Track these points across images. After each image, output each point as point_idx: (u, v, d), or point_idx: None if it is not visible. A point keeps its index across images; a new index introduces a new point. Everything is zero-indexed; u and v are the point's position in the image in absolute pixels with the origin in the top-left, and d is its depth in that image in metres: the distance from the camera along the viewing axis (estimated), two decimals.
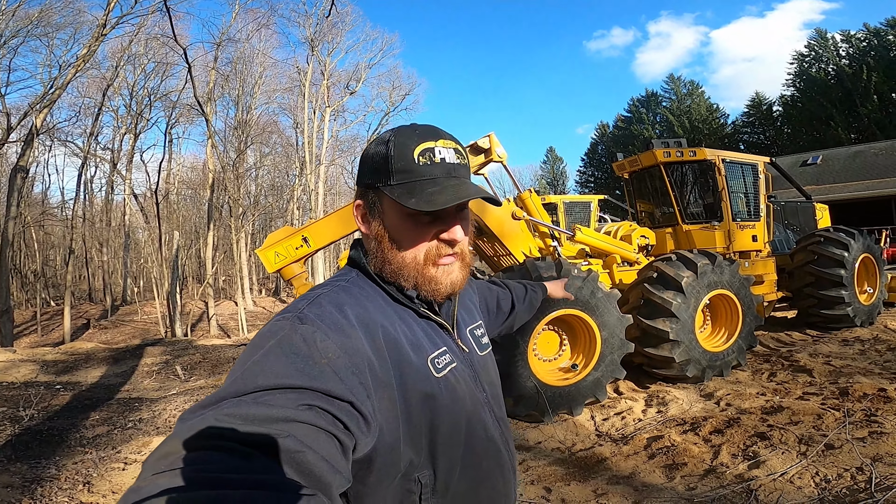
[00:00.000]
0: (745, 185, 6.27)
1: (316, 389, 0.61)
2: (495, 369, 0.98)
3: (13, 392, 5.52)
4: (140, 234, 28.83)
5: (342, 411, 0.61)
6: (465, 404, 0.83)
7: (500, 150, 4.82)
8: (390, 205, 0.80)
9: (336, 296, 0.78)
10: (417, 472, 0.76)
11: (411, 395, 0.75)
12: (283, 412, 0.56)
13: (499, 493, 0.88)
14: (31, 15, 15.00)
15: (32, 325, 20.34)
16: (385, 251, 0.81)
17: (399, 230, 0.80)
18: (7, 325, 10.79)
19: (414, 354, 0.78)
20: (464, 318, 0.96)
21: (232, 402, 0.57)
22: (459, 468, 0.80)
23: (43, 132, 14.40)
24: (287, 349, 0.65)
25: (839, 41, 32.73)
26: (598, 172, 46.02)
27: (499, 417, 0.91)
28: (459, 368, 0.85)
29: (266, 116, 26.76)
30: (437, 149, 0.80)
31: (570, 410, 4.13)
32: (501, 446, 0.89)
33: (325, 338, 0.68)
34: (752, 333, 5.06)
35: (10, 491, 2.98)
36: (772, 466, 2.72)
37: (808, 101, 32.81)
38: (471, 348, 0.92)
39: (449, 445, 0.79)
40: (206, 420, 0.54)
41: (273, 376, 0.61)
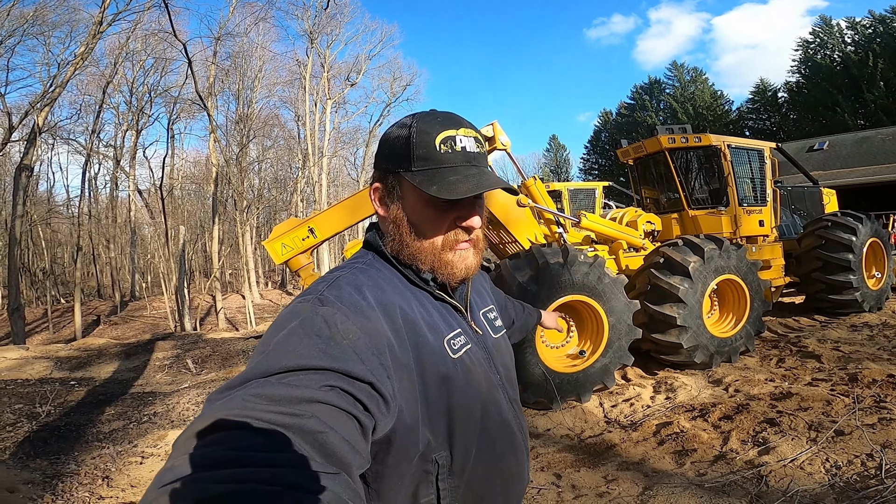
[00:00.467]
0: (751, 170, 6.22)
1: (338, 370, 0.62)
2: (509, 352, 1.00)
3: (28, 389, 5.62)
4: (146, 229, 29.01)
5: (363, 392, 0.63)
6: (481, 386, 0.84)
7: (504, 138, 4.79)
8: (410, 190, 0.81)
9: (354, 278, 0.79)
10: (435, 454, 0.77)
11: (429, 376, 0.76)
12: (306, 393, 0.58)
13: (512, 473, 0.89)
14: (25, 14, 14.94)
15: (44, 322, 20.60)
16: (403, 235, 0.83)
17: (418, 215, 0.82)
18: (19, 323, 10.93)
19: (431, 335, 0.79)
20: (476, 301, 0.97)
21: (258, 383, 0.59)
22: (475, 449, 0.82)
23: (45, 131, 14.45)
24: (309, 330, 0.66)
25: (844, 28, 32.55)
26: (602, 159, 45.70)
27: (512, 399, 0.93)
28: (474, 350, 0.86)
29: (267, 110, 26.71)
30: (458, 137, 0.81)
31: (579, 397, 4.15)
32: (515, 428, 0.90)
33: (345, 319, 0.69)
34: (759, 319, 5.05)
35: (32, 487, 3.04)
36: (782, 452, 2.73)
37: (813, 88, 32.62)
38: (484, 331, 0.93)
39: (465, 427, 0.80)
40: (234, 401, 0.56)
41: (296, 357, 0.62)
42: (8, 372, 6.38)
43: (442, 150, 0.79)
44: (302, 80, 23.87)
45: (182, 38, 9.89)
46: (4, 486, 2.93)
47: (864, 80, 29.31)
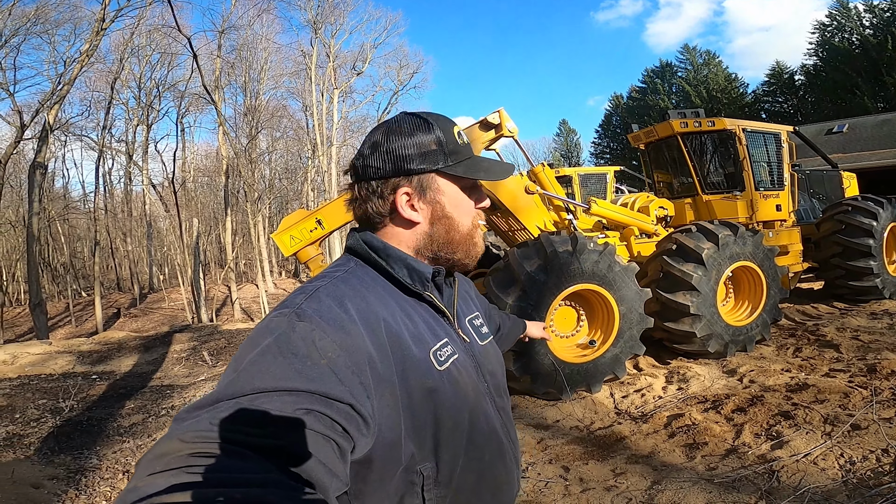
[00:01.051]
0: (767, 154, 6.05)
1: (314, 392, 0.60)
2: (498, 359, 0.99)
3: (52, 384, 5.79)
4: (161, 222, 29.46)
5: (341, 414, 0.61)
6: (468, 396, 0.83)
7: (511, 125, 4.71)
8: (450, 183, 0.86)
9: (335, 288, 0.76)
10: (420, 465, 0.76)
11: (414, 390, 0.74)
12: (279, 416, 0.56)
13: (501, 482, 0.88)
14: (27, 13, 15.06)
15: (66, 316, 21.17)
16: (450, 230, 0.86)
17: (458, 206, 0.87)
18: (41, 318, 11.24)
19: (416, 348, 0.77)
20: (462, 308, 0.96)
21: (228, 405, 0.56)
22: (462, 459, 0.80)
23: (56, 128, 14.66)
24: (285, 349, 0.63)
25: (862, 11, 31.75)
26: (614, 144, 44.92)
27: (500, 407, 0.91)
28: (461, 359, 0.85)
29: (275, 101, 26.70)
30: (461, 131, 0.89)
31: (589, 388, 4.13)
32: (503, 436, 0.89)
33: (323, 335, 0.66)
34: (776, 306, 4.95)
35: (56, 483, 3.13)
36: (795, 447, 2.68)
37: (831, 71, 31.89)
38: (471, 338, 0.92)
39: (452, 438, 0.79)
40: (201, 422, 0.54)
41: (270, 378, 0.60)
42: (32, 367, 6.57)
43: (461, 143, 0.86)
44: (308, 71, 23.80)
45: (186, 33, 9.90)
46: (30, 482, 3.02)
47: (884, 64, 28.62)
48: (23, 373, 6.29)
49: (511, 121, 4.72)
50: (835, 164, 7.76)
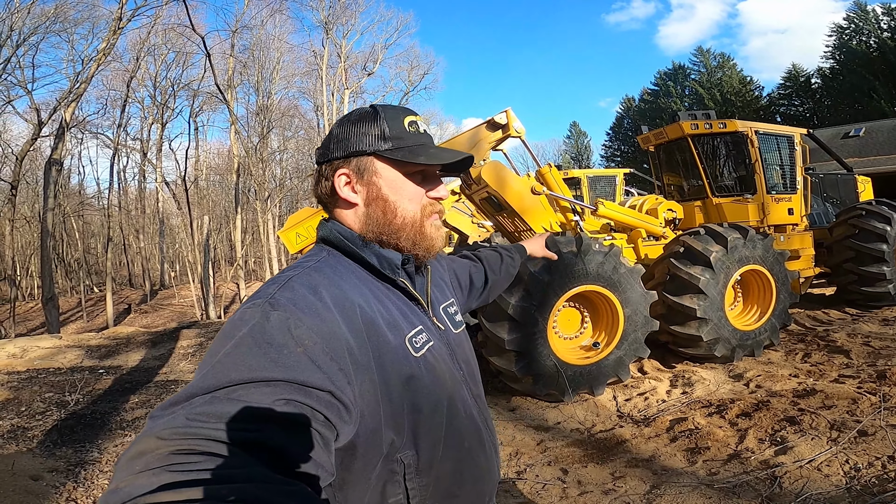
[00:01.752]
0: (780, 157, 5.97)
1: (292, 381, 0.59)
2: (470, 347, 0.99)
3: (60, 378, 5.86)
4: (174, 220, 29.85)
5: (321, 402, 0.60)
6: (445, 383, 0.83)
7: (518, 126, 4.69)
8: (389, 167, 0.84)
9: (308, 277, 0.75)
10: (400, 453, 0.75)
11: (391, 377, 0.74)
12: (257, 409, 0.54)
13: (482, 469, 0.88)
14: (46, 11, 15.33)
15: (78, 311, 21.53)
16: (386, 213, 0.84)
17: (399, 190, 0.84)
18: (53, 313, 11.43)
19: (391, 334, 0.77)
20: (437, 296, 0.96)
21: (204, 399, 0.55)
22: (442, 447, 0.80)
23: (73, 126, 14.90)
24: (259, 338, 0.62)
25: (880, 14, 31.39)
26: (625, 146, 44.64)
27: (475, 395, 0.91)
28: (437, 347, 0.85)
29: (286, 101, 26.98)
30: (418, 122, 0.88)
31: (592, 390, 4.08)
32: (480, 423, 0.89)
33: (299, 323, 0.65)
34: (786, 311, 4.86)
35: (55, 475, 3.15)
36: (799, 453, 2.62)
37: (849, 74, 31.50)
38: (446, 326, 0.92)
39: (431, 425, 0.79)
40: (177, 419, 0.53)
41: (246, 369, 0.58)
42: (41, 361, 6.67)
43: (411, 130, 0.85)
44: (319, 71, 24.02)
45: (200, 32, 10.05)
46: (29, 474, 3.05)
47: None
48: (31, 366, 6.39)
49: (518, 121, 4.69)
50: (850, 167, 7.62)
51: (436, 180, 0.89)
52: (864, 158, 17.51)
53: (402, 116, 0.85)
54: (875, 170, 14.80)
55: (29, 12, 14.33)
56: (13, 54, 14.53)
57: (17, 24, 14.12)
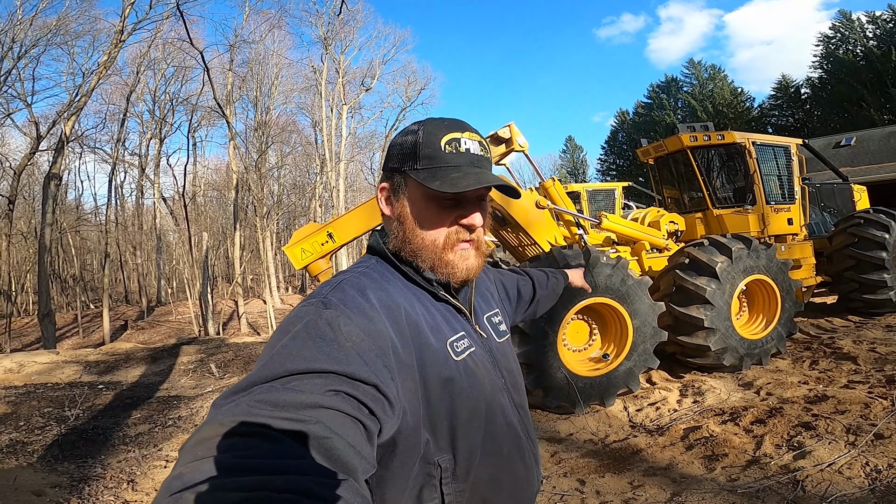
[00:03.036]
0: (777, 167, 6.06)
1: (342, 373, 0.62)
2: (514, 357, 1.00)
3: (58, 393, 5.77)
4: (171, 236, 29.74)
5: (367, 395, 0.62)
6: (485, 389, 0.84)
7: (521, 140, 4.76)
8: (415, 187, 0.83)
9: (358, 280, 0.80)
10: (437, 456, 0.77)
11: (431, 378, 0.76)
12: (311, 398, 0.57)
13: (521, 479, 0.88)
14: (48, 24, 15.30)
15: (74, 327, 21.24)
16: (406, 231, 0.84)
17: (422, 212, 0.83)
18: (49, 328, 11.29)
19: (433, 337, 0.79)
20: (481, 305, 0.98)
21: (263, 388, 0.59)
22: (480, 453, 0.81)
23: (72, 140, 14.84)
24: (313, 333, 0.66)
25: (865, 23, 32.06)
26: (620, 160, 45.13)
27: (518, 404, 0.92)
28: (478, 353, 0.86)
29: (285, 116, 27.18)
30: (462, 139, 0.83)
31: (603, 401, 4.06)
32: (521, 433, 0.89)
33: (348, 321, 0.69)
34: (791, 320, 4.89)
35: (59, 490, 3.09)
36: (819, 457, 2.62)
37: (837, 83, 32.08)
38: (489, 334, 0.93)
39: (468, 430, 0.80)
40: (240, 406, 0.56)
41: (301, 361, 0.62)
42: (38, 376, 6.57)
43: (447, 150, 0.82)
44: (318, 86, 24.24)
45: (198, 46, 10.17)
46: (31, 489, 2.99)
47: (889, 75, 28.76)
48: (29, 381, 6.29)
49: (521, 135, 4.76)
50: (845, 176, 7.74)
51: (472, 205, 0.84)
52: (857, 168, 17.77)
53: (442, 134, 0.82)
54: (868, 178, 15.03)
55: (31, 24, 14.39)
56: (14, 66, 14.52)
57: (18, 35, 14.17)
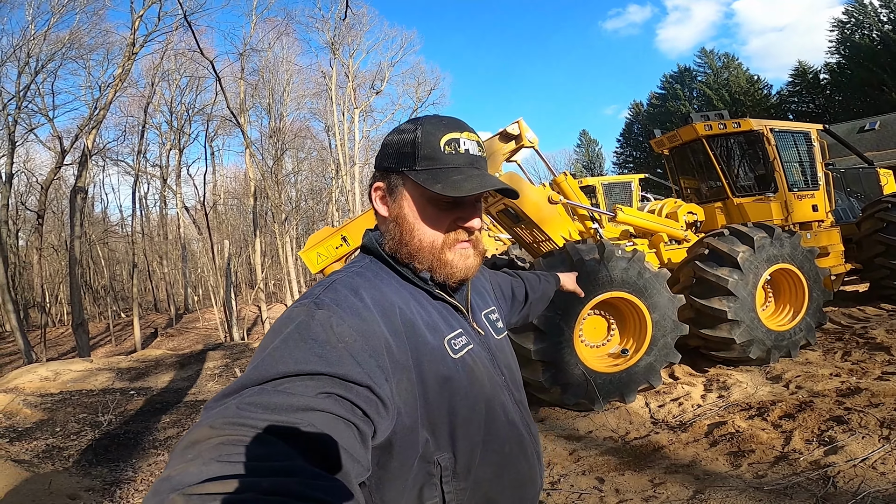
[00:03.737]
0: (798, 153, 5.88)
1: (334, 375, 0.61)
2: (512, 354, 0.99)
3: (92, 399, 5.98)
4: (195, 245, 30.48)
5: (360, 397, 0.62)
6: (484, 386, 0.83)
7: (531, 135, 4.71)
8: (413, 188, 0.82)
9: (351, 280, 0.79)
10: (436, 455, 0.76)
11: (428, 376, 0.75)
12: (302, 401, 0.57)
13: (524, 476, 0.87)
14: (62, 38, 15.73)
15: (107, 336, 21.98)
16: (403, 233, 0.83)
17: (420, 214, 0.82)
18: (83, 337, 11.70)
19: (430, 335, 0.78)
20: (477, 302, 0.97)
21: (253, 391, 0.58)
22: (481, 451, 0.80)
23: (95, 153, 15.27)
24: (305, 335, 0.65)
25: (878, 6, 31.20)
26: (636, 152, 44.39)
27: (518, 401, 0.91)
28: (476, 351, 0.85)
29: (298, 122, 27.42)
30: (461, 140, 0.82)
31: (623, 398, 4.00)
32: (523, 430, 0.88)
33: (341, 322, 0.68)
34: (820, 310, 4.72)
35: (92, 494, 3.20)
36: (851, 452, 2.52)
37: (856, 68, 31.18)
38: (486, 331, 0.93)
39: (468, 427, 0.79)
40: (229, 409, 0.56)
41: (293, 362, 0.61)
42: (73, 383, 6.82)
43: (446, 150, 0.80)
44: (328, 91, 24.44)
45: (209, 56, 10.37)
46: (67, 493, 3.11)
47: None
48: (64, 388, 6.53)
49: (531, 131, 4.71)
50: (870, 161, 7.46)
51: (471, 207, 0.84)
52: (883, 152, 17.12)
53: (441, 134, 0.81)
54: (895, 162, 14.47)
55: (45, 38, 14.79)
56: (32, 81, 15.01)
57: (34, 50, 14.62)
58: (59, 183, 21.83)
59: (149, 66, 21.22)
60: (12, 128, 14.04)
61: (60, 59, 15.88)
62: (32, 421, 5.09)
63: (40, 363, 9.20)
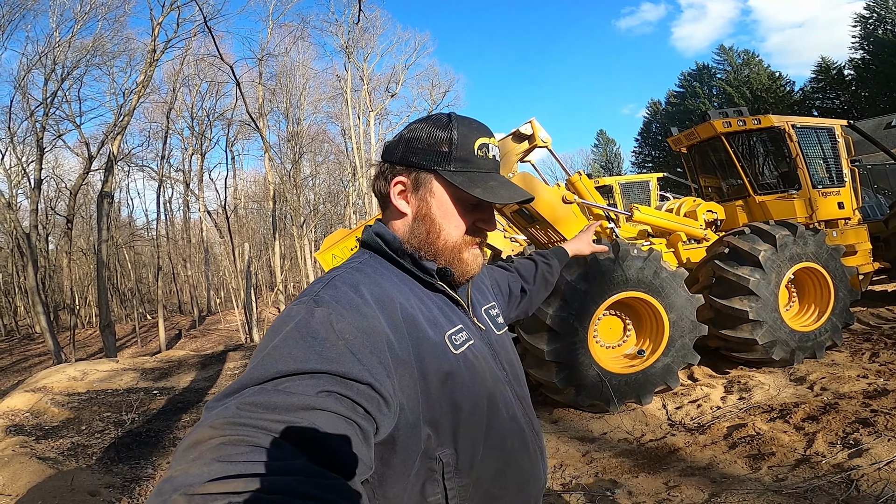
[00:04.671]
0: (822, 150, 5.70)
1: (334, 373, 0.61)
2: (514, 349, 0.98)
3: (117, 398, 6.16)
4: (217, 248, 31.12)
5: (361, 395, 0.61)
6: (486, 382, 0.82)
7: (544, 135, 4.67)
8: (445, 188, 0.83)
9: (351, 276, 0.78)
10: (438, 451, 0.76)
11: (430, 372, 0.75)
12: (302, 400, 0.57)
13: (526, 473, 0.86)
14: (86, 45, 16.11)
15: (133, 337, 22.62)
16: (430, 232, 0.83)
17: (448, 213, 0.83)
18: (110, 338, 12.07)
19: (431, 331, 0.78)
20: (477, 298, 0.96)
21: (253, 391, 0.58)
22: (483, 447, 0.80)
23: (120, 159, 15.72)
24: (304, 333, 0.65)
25: None
26: (655, 151, 43.68)
27: (520, 396, 0.90)
28: (478, 346, 0.85)
29: (315, 126, 27.77)
30: (490, 145, 0.85)
31: (639, 399, 3.93)
32: (525, 425, 0.88)
33: (340, 319, 0.68)
34: (847, 310, 4.57)
35: (112, 491, 3.29)
36: (876, 455, 2.42)
37: (881, 63, 30.23)
38: (487, 327, 0.92)
39: (470, 423, 0.78)
40: (229, 409, 0.55)
41: (292, 361, 0.61)
42: (100, 383, 7.04)
43: (479, 154, 0.83)
44: (344, 95, 24.69)
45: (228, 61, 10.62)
46: (87, 489, 3.20)
47: None
48: (91, 388, 6.74)
49: (544, 130, 4.68)
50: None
51: (490, 210, 0.87)
52: None
53: (475, 138, 0.83)
54: None
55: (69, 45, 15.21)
56: (59, 87, 15.45)
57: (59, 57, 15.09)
58: (87, 188, 22.53)
59: (170, 72, 21.78)
60: (40, 134, 14.53)
61: (85, 65, 16.31)
62: (59, 419, 5.27)
63: (69, 363, 9.53)
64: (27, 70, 14.76)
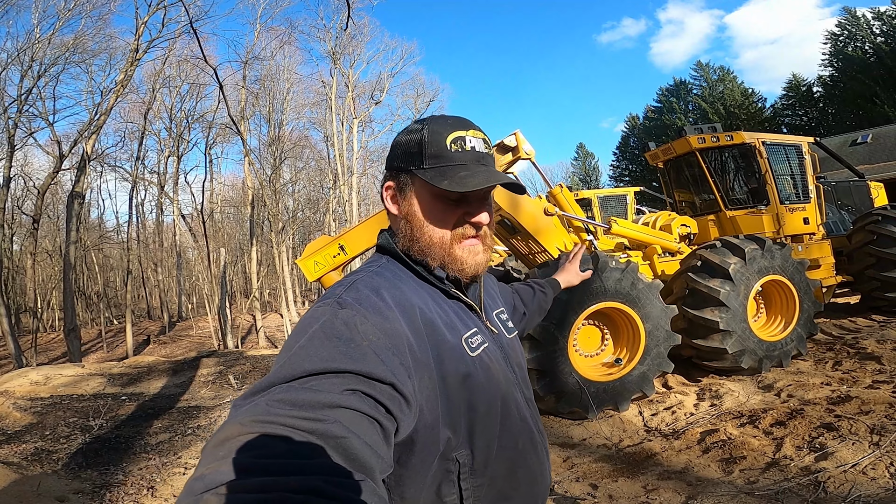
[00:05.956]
0: (790, 166, 5.98)
1: (358, 373, 0.62)
2: (522, 352, 1.01)
3: (83, 404, 5.92)
4: (190, 252, 30.32)
5: (384, 394, 0.63)
6: (500, 384, 0.85)
7: (528, 147, 4.77)
8: (422, 186, 0.84)
9: (371, 280, 0.80)
10: (455, 452, 0.77)
11: (449, 375, 0.77)
12: (328, 397, 0.58)
13: (535, 472, 0.89)
14: (66, 42, 15.66)
15: (98, 342, 21.76)
16: (414, 230, 0.85)
17: (429, 210, 0.84)
18: (75, 343, 11.59)
19: (449, 334, 0.80)
20: (489, 303, 0.99)
21: (281, 388, 0.59)
22: (496, 447, 0.82)
23: (93, 158, 15.11)
24: (330, 333, 0.67)
25: (871, 19, 31.51)
26: (632, 165, 44.81)
27: (528, 398, 0.93)
28: (491, 349, 0.87)
29: (297, 132, 27.48)
30: (467, 137, 0.84)
31: (616, 406, 4.02)
32: (533, 426, 0.90)
33: (364, 321, 0.69)
34: (811, 320, 4.78)
35: (81, 497, 3.16)
36: (841, 458, 2.55)
37: (849, 81, 31.45)
38: (499, 330, 0.95)
39: (486, 425, 0.80)
40: (259, 406, 0.56)
41: (319, 360, 0.63)
42: (64, 388, 6.75)
43: (452, 148, 0.82)
44: (328, 101, 24.56)
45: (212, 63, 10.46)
46: (55, 495, 3.07)
47: None
48: (55, 393, 6.46)
49: (527, 143, 4.77)
50: (861, 174, 7.58)
51: (478, 202, 0.85)
52: (875, 165, 17.35)
53: (447, 133, 0.83)
54: (886, 175, 14.66)
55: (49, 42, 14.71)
56: (34, 85, 14.91)
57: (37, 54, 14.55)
58: (56, 188, 21.73)
59: (150, 72, 21.30)
60: (12, 131, 13.95)
61: (63, 63, 15.80)
62: (22, 424, 5.03)
63: (31, 367, 9.10)
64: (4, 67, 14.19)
